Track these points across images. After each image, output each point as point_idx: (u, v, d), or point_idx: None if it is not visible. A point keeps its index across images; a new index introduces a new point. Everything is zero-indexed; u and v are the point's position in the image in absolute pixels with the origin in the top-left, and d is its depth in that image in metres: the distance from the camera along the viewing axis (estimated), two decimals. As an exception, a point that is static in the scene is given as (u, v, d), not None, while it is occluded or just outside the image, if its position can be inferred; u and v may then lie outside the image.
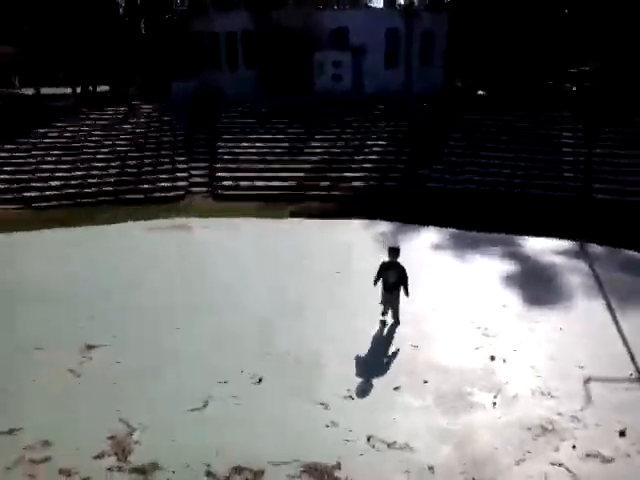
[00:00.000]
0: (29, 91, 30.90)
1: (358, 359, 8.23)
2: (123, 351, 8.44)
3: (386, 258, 9.04)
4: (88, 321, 9.51)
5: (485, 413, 6.90)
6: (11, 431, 6.47)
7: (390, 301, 9.11)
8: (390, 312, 9.21)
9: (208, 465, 5.91)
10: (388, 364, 8.13)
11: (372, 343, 8.76)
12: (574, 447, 6.22)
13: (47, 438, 6.35)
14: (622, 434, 6.42)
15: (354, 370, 7.92)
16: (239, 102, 27.59)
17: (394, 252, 8.95)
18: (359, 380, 7.65)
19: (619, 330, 9.22)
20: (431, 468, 5.91)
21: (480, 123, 23.74)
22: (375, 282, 9.08)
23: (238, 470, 5.84)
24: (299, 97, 27.79)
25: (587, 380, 7.64)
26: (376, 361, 8.21)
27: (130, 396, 7.21)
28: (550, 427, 6.59)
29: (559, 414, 6.84)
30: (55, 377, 7.69)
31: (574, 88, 30.65)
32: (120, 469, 5.89)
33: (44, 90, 30.61)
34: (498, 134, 22.72)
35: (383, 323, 9.21)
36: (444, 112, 25.14)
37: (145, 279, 11.65)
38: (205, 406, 7.01)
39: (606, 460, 6.01)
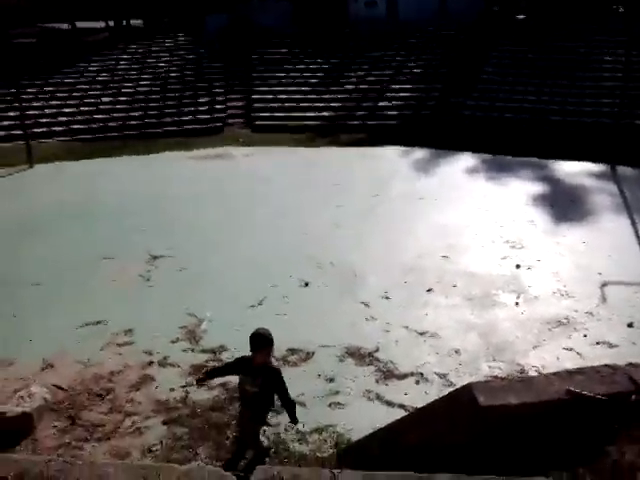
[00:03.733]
0: (64, 25, 31.32)
1: (393, 268, 9.11)
2: (184, 260, 9.50)
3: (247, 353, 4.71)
4: (148, 234, 10.60)
5: (508, 310, 7.76)
6: (98, 322, 7.62)
7: (247, 426, 5.05)
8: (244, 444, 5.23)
9: (267, 347, 6.95)
10: (421, 272, 8.97)
11: (405, 254, 9.61)
12: (585, 336, 7.05)
13: (129, 327, 7.48)
14: (630, 325, 7.21)
15: (390, 277, 8.81)
16: (273, 34, 27.72)
17: (262, 342, 4.54)
18: (394, 284, 8.55)
19: (640, 243, 9.84)
20: (457, 351, 6.84)
21: (518, 50, 23.46)
22: (205, 379, 5.32)
23: (293, 351, 6.87)
24: (333, 26, 27.71)
25: (604, 284, 8.38)
26: (410, 269, 9.05)
27: (195, 296, 8.28)
28: (566, 321, 7.41)
29: (575, 311, 7.65)
30: (127, 281, 8.80)
31: (621, 9, 29.59)
32: (193, 350, 6.99)
33: (78, 24, 31.01)
34: (536, 60, 22.48)
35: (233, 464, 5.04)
36: (481, 39, 24.86)
37: (193, 199, 12.64)
38: (261, 304, 8.04)
39: (613, 346, 6.83)
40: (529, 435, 4.07)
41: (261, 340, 4.56)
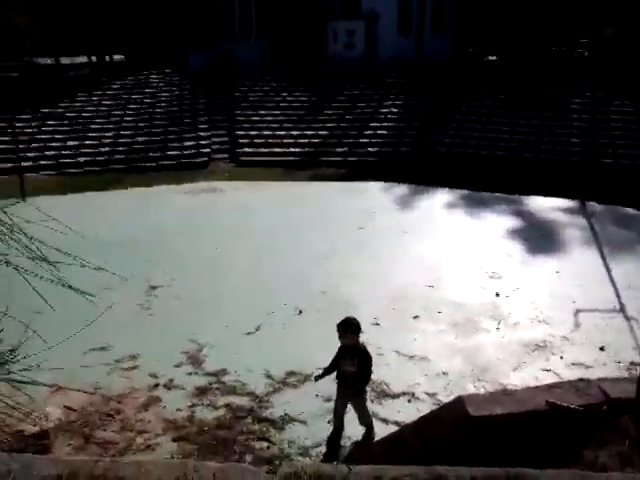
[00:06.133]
0: (46, 60, 31.73)
1: (381, 296, 9.63)
2: (181, 290, 9.90)
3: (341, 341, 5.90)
4: (146, 265, 10.98)
5: (490, 335, 8.33)
6: (102, 348, 7.95)
7: (353, 401, 6.06)
8: (358, 417, 6.10)
9: (267, 370, 7.37)
10: (407, 300, 9.51)
11: (392, 283, 10.16)
12: (561, 358, 7.64)
13: (133, 353, 7.83)
14: (602, 349, 7.83)
15: (378, 305, 9.32)
16: (254, 71, 28.60)
17: (350, 328, 5.76)
18: (383, 312, 9.06)
19: (609, 273, 10.56)
20: (445, 373, 7.35)
21: (491, 89, 24.69)
22: (323, 375, 6.12)
23: (291, 374, 7.30)
24: (313, 65, 28.74)
25: (577, 311, 9.02)
26: (397, 298, 9.59)
27: (194, 324, 8.67)
28: (543, 344, 8.00)
29: (552, 335, 8.25)
30: (128, 310, 9.16)
31: (586, 54, 31.29)
32: (196, 373, 7.38)
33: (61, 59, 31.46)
34: (508, 100, 23.70)
35: (336, 440, 6.05)
36: (456, 79, 26.07)
37: (187, 231, 13.08)
38: (258, 330, 8.48)
39: (587, 367, 7.41)
40: (513, 441, 4.59)
41: (348, 325, 5.72)
